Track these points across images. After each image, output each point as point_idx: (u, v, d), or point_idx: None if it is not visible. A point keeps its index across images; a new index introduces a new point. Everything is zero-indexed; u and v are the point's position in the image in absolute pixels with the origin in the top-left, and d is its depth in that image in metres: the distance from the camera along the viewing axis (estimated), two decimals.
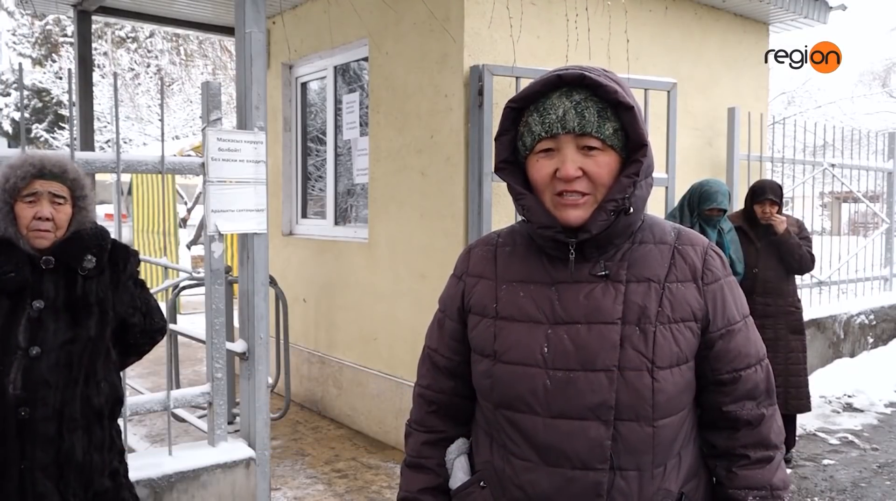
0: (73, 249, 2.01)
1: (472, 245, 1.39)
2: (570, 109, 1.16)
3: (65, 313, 1.98)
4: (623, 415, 1.15)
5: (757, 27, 5.72)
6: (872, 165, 7.27)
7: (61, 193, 1.99)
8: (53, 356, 1.94)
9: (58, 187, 1.98)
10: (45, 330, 1.94)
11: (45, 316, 1.95)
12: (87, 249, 2.04)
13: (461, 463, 1.34)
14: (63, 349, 1.96)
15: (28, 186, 1.95)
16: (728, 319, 1.23)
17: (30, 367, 1.91)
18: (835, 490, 3.92)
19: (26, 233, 1.95)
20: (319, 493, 3.78)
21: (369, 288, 4.68)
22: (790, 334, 4.17)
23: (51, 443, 1.94)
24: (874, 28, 37.73)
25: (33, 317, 1.94)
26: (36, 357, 1.92)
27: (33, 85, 22.24)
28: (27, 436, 1.91)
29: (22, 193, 1.95)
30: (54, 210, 1.97)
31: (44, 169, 1.97)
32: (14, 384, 1.90)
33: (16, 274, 1.92)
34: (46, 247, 1.98)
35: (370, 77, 4.65)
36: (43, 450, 1.93)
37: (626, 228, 1.21)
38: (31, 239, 1.96)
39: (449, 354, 1.35)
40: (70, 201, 2.01)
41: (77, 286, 2.01)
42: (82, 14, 5.43)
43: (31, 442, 1.92)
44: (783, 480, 1.25)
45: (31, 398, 1.91)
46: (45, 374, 1.93)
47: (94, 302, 2.03)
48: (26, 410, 1.90)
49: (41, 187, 1.96)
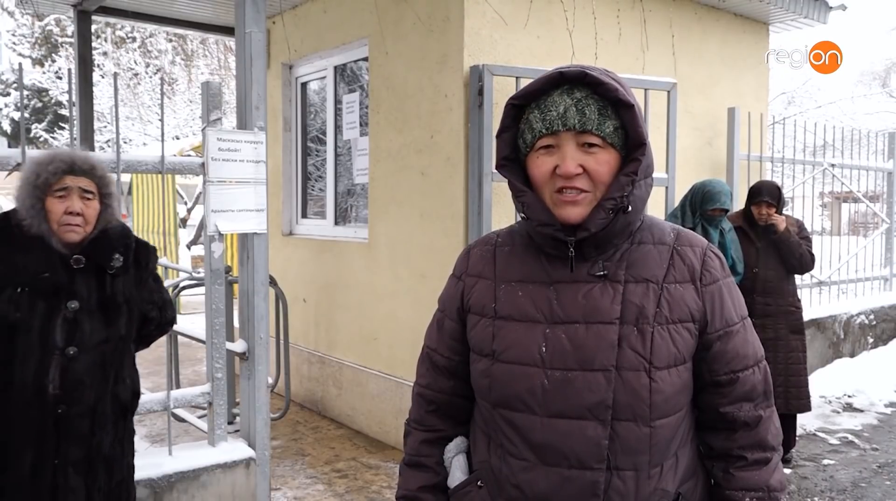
0: (102, 248, 2.06)
1: (471, 245, 1.39)
2: (571, 107, 1.17)
3: (98, 313, 2.04)
4: (620, 415, 1.15)
5: (757, 27, 5.72)
6: (872, 165, 7.27)
7: (90, 188, 2.03)
8: (89, 356, 2.00)
9: (87, 183, 2.03)
10: (81, 331, 2.00)
11: (81, 317, 2.00)
12: (115, 248, 2.08)
13: (459, 462, 1.34)
14: (97, 349, 2.03)
15: (59, 182, 1.99)
16: (726, 320, 1.23)
17: (67, 367, 1.97)
18: (835, 490, 3.92)
19: (57, 228, 1.99)
20: (319, 493, 3.79)
21: (369, 288, 4.68)
22: (790, 333, 4.17)
23: (84, 440, 2.02)
24: (874, 28, 37.74)
25: (69, 318, 1.99)
26: (73, 357, 1.98)
27: (33, 85, 22.24)
28: (63, 433, 1.98)
29: (53, 188, 1.99)
30: (84, 205, 2.01)
31: (74, 165, 2.01)
32: (53, 383, 1.95)
33: (50, 275, 1.96)
34: (77, 242, 2.01)
35: (370, 77, 4.65)
36: (76, 447, 2.00)
37: (625, 227, 1.22)
38: (61, 233, 2.00)
39: (448, 353, 1.35)
40: (98, 197, 2.06)
41: (107, 286, 2.07)
42: (82, 14, 5.42)
43: (66, 439, 1.98)
44: (780, 481, 1.25)
45: (69, 396, 1.98)
46: (81, 373, 1.99)
47: (122, 301, 2.09)
48: (63, 408, 1.97)
49: (71, 183, 2.00)
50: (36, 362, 1.94)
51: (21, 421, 1.95)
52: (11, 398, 1.94)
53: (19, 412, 1.94)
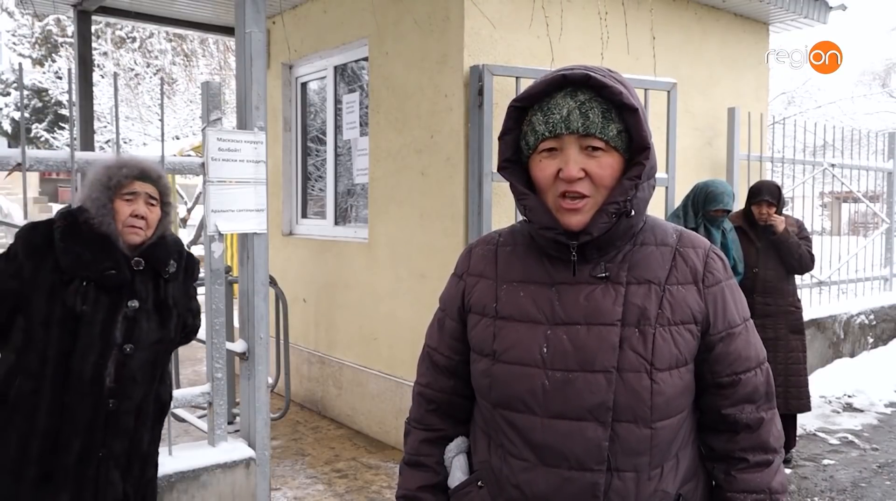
0: (160, 253, 2.16)
1: (472, 244, 1.38)
2: (574, 110, 1.16)
3: (154, 314, 2.14)
4: (621, 416, 1.15)
5: (757, 27, 5.72)
6: (872, 165, 7.27)
7: (155, 195, 2.14)
8: (143, 355, 2.11)
9: (152, 190, 2.14)
10: (139, 329, 2.10)
11: (139, 316, 2.10)
12: (171, 254, 2.20)
13: (459, 462, 1.34)
14: (151, 349, 2.14)
15: (129, 185, 2.09)
16: (728, 322, 1.23)
17: (123, 362, 2.07)
18: (835, 490, 3.92)
19: (122, 228, 2.08)
20: (319, 493, 3.79)
21: (369, 288, 4.68)
22: (790, 333, 4.17)
23: (127, 435, 2.12)
24: (874, 28, 37.76)
25: (129, 316, 2.08)
26: (129, 354, 2.07)
27: (33, 85, 22.25)
28: (111, 426, 2.08)
29: (122, 190, 2.08)
30: (148, 210, 2.11)
31: (143, 172, 2.12)
32: (110, 377, 2.04)
33: (117, 272, 2.05)
34: (138, 244, 2.11)
35: (370, 77, 4.65)
36: (120, 441, 2.10)
37: (628, 230, 1.21)
38: (125, 234, 2.09)
39: (449, 353, 1.35)
40: (160, 205, 2.16)
41: (161, 289, 2.17)
42: (82, 14, 5.42)
43: (113, 433, 2.08)
44: (782, 484, 1.25)
45: (121, 391, 2.07)
46: (135, 370, 2.09)
47: (172, 305, 2.20)
48: (114, 402, 2.06)
49: (140, 188, 2.11)
50: (96, 355, 2.03)
51: (75, 411, 2.03)
52: (69, 388, 2.02)
53: (75, 402, 2.02)
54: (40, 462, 2.01)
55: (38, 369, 2.01)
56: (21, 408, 2.01)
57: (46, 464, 2.02)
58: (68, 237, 2.04)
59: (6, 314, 2.04)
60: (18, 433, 2.01)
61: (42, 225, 2.09)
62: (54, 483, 2.02)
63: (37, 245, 2.04)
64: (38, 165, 2.73)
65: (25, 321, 2.03)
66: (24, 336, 2.04)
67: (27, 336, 2.03)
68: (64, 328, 2.01)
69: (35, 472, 2.01)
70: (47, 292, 2.00)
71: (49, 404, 2.01)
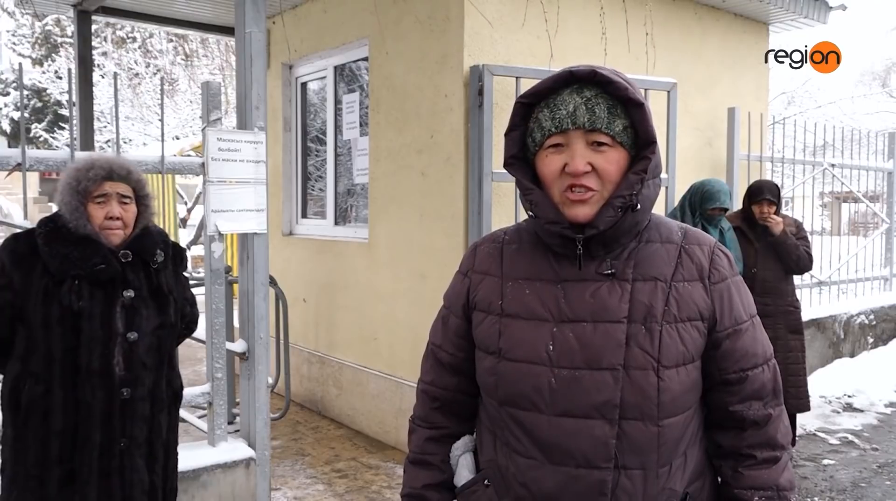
0: (146, 244, 2.17)
1: (478, 242, 1.38)
2: (580, 105, 1.17)
3: (151, 301, 2.16)
4: (628, 414, 1.15)
5: (757, 27, 5.72)
6: (872, 165, 7.27)
7: (127, 193, 2.13)
8: (147, 341, 2.13)
9: (124, 188, 2.12)
10: (139, 317, 2.12)
11: (137, 304, 2.12)
12: (157, 244, 2.21)
13: (466, 461, 1.34)
14: (154, 334, 2.15)
15: (98, 188, 2.08)
16: (735, 318, 1.23)
17: (129, 350, 2.09)
18: (835, 490, 3.92)
19: (99, 231, 2.09)
20: (319, 493, 3.78)
21: (369, 288, 4.68)
22: (789, 333, 4.18)
23: (145, 422, 2.14)
24: (874, 28, 37.76)
25: (127, 305, 2.10)
26: (134, 342, 2.09)
27: (33, 85, 22.23)
28: (128, 415, 2.10)
29: (93, 194, 2.08)
30: (122, 210, 2.11)
31: (112, 171, 2.10)
32: (119, 365, 2.07)
33: (106, 266, 2.06)
34: (118, 244, 2.12)
35: (370, 77, 4.65)
36: (139, 428, 2.13)
37: (633, 226, 1.21)
38: (104, 237, 2.09)
39: (453, 350, 1.35)
40: (134, 201, 2.15)
41: (153, 277, 2.18)
42: (82, 14, 5.42)
43: (131, 421, 2.11)
44: (790, 480, 1.24)
45: (132, 379, 2.10)
46: (142, 356, 2.11)
47: (167, 292, 2.22)
48: (128, 390, 2.09)
49: (110, 189, 2.10)
50: (102, 346, 2.05)
51: (90, 405, 2.04)
52: (79, 384, 2.04)
53: (88, 396, 2.04)
54: (62, 461, 2.03)
55: (45, 370, 2.02)
56: (35, 411, 2.03)
57: (69, 463, 2.04)
58: (52, 242, 2.05)
59: (6, 325, 2.06)
60: (37, 436, 2.02)
61: (23, 235, 2.11)
62: (80, 480, 2.03)
63: (22, 254, 2.05)
64: (37, 165, 2.74)
65: (25, 327, 2.05)
66: (26, 342, 2.05)
67: (30, 341, 2.04)
68: (64, 326, 2.02)
69: (59, 472, 2.02)
70: (41, 295, 2.02)
71: (62, 403, 2.03)
